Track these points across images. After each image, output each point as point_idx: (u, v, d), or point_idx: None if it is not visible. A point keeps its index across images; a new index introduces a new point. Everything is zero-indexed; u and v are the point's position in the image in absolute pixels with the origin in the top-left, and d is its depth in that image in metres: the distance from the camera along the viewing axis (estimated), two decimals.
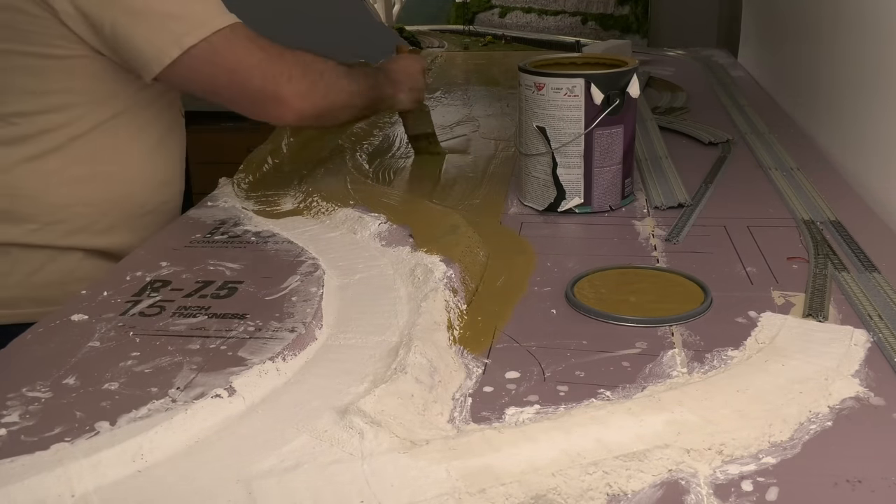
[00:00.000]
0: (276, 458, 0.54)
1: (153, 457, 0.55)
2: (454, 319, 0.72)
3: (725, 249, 0.87)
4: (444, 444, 0.54)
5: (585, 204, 0.99)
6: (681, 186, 1.06)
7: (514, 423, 0.57)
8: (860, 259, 0.81)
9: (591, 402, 0.59)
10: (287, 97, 0.97)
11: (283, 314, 0.75)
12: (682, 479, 0.51)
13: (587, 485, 0.50)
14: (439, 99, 1.73)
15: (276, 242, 0.93)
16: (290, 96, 0.97)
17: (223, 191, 1.13)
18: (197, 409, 0.59)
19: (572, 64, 1.04)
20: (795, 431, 0.55)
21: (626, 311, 0.73)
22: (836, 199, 0.99)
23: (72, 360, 0.68)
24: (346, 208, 1.01)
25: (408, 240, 0.89)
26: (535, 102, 0.97)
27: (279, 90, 0.96)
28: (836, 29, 1.24)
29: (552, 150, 0.97)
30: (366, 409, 0.57)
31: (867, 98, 1.09)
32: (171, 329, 0.73)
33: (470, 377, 0.64)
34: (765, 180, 1.08)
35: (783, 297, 0.75)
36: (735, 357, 0.65)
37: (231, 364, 0.66)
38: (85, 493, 0.51)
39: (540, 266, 0.85)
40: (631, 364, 0.65)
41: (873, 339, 0.66)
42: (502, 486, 0.50)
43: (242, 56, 0.94)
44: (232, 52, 0.94)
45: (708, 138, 1.27)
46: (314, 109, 1.00)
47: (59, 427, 0.58)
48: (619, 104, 0.95)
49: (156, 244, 0.95)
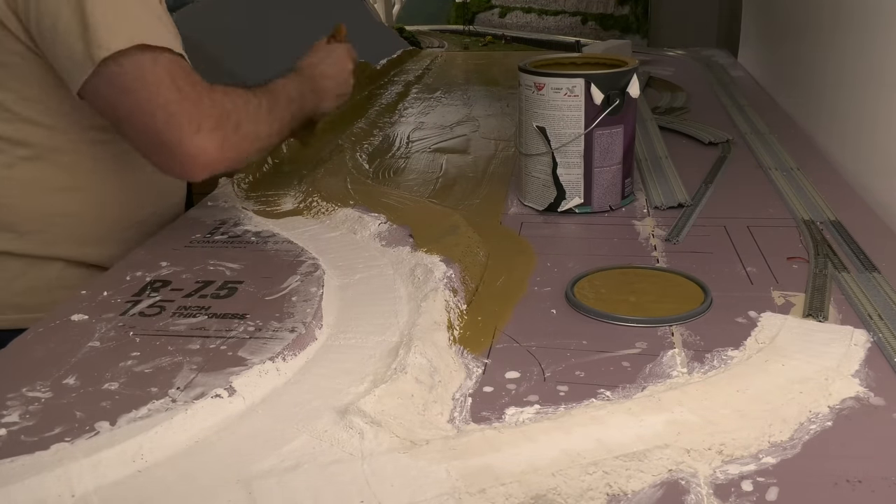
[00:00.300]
0: (276, 458, 0.54)
1: (153, 457, 0.55)
2: (454, 319, 0.72)
3: (725, 249, 0.87)
4: (444, 444, 0.54)
5: (585, 204, 0.99)
6: (681, 186, 1.06)
7: (514, 423, 0.57)
8: (860, 259, 0.81)
9: (591, 402, 0.59)
10: (192, 151, 0.85)
11: (283, 314, 0.75)
12: (682, 479, 0.51)
13: (587, 485, 0.50)
14: (439, 99, 1.73)
15: (276, 242, 0.93)
16: (195, 150, 0.85)
17: (223, 191, 1.13)
18: (197, 409, 0.59)
19: (572, 64, 1.04)
20: (795, 431, 0.55)
21: (626, 311, 0.73)
22: (836, 199, 0.99)
23: (72, 360, 0.68)
24: (346, 208, 1.01)
25: (408, 240, 0.89)
26: (535, 102, 0.97)
27: (182, 140, 0.84)
28: (836, 29, 1.24)
29: (552, 150, 0.97)
30: (366, 409, 0.57)
31: (867, 98, 1.09)
32: (171, 329, 0.73)
33: (470, 377, 0.64)
34: (765, 180, 1.08)
35: (783, 297, 0.75)
36: (735, 357, 0.65)
37: (231, 364, 0.66)
38: (85, 493, 0.51)
39: (540, 266, 0.85)
40: (631, 364, 0.65)
41: (873, 339, 0.66)
42: (502, 486, 0.50)
43: (151, 89, 0.83)
44: (140, 81, 0.83)
45: (708, 138, 1.27)
46: (221, 164, 0.89)
47: (59, 427, 0.58)
48: (619, 104, 0.95)
49: (156, 244, 0.95)
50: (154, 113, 0.84)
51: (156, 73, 0.84)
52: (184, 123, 0.84)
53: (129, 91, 0.84)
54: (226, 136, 0.87)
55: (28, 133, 0.92)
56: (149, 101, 0.83)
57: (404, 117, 1.57)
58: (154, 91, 0.83)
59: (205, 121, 0.85)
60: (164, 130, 0.84)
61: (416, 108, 1.65)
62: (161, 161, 0.88)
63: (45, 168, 0.94)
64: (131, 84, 0.83)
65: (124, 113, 0.85)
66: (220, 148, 0.87)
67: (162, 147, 0.85)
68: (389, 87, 1.88)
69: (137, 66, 0.83)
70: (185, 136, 0.84)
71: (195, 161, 0.86)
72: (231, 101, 0.90)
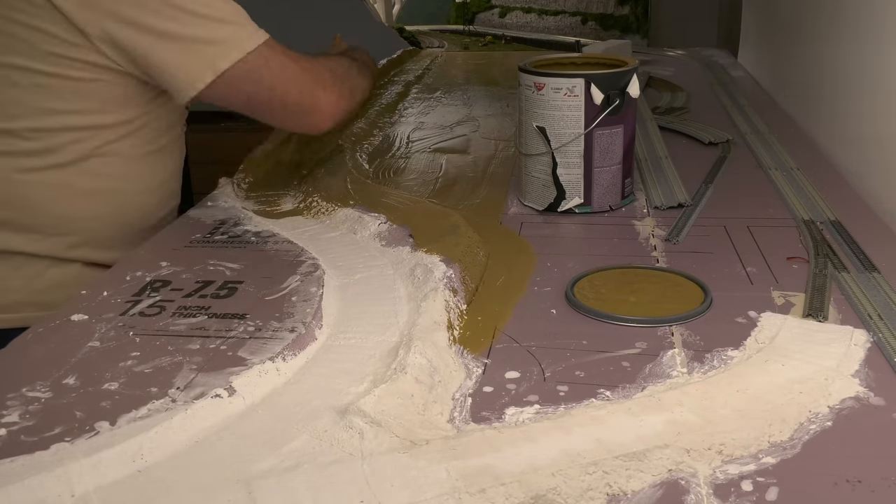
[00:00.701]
0: (276, 458, 0.54)
1: (153, 457, 0.55)
2: (454, 319, 0.72)
3: (725, 249, 0.87)
4: (444, 444, 0.54)
5: (585, 204, 0.99)
6: (681, 186, 1.06)
7: (514, 423, 0.57)
8: (860, 259, 0.81)
9: (591, 402, 0.59)
10: (323, 106, 1.00)
11: (283, 314, 0.75)
12: (682, 479, 0.51)
13: (587, 485, 0.50)
14: (439, 99, 1.73)
15: (276, 242, 0.93)
16: (325, 105, 1.00)
17: (223, 191, 1.13)
18: (197, 409, 0.59)
19: (572, 64, 1.04)
20: (795, 431, 0.55)
21: (626, 311, 0.73)
22: (836, 199, 0.99)
23: (72, 360, 0.68)
24: (346, 208, 1.01)
25: (408, 240, 0.89)
26: (535, 102, 0.97)
27: (316, 101, 0.99)
28: (836, 29, 1.24)
29: (552, 150, 0.97)
30: (366, 409, 0.57)
31: (867, 98, 1.09)
32: (171, 329, 0.73)
33: (470, 377, 0.64)
34: (765, 180, 1.08)
35: (783, 297, 0.75)
36: (735, 357, 0.65)
37: (231, 364, 0.66)
38: (85, 493, 0.51)
39: (540, 266, 0.85)
40: (631, 364, 0.65)
41: (873, 339, 0.66)
42: (502, 486, 0.50)
43: (278, 72, 0.96)
44: (268, 70, 0.95)
45: (708, 138, 1.27)
46: (345, 113, 1.04)
47: (59, 427, 0.58)
48: (619, 104, 0.95)
49: (156, 244, 0.95)
50: (288, 88, 0.97)
51: (275, 58, 0.96)
52: (313, 87, 0.99)
53: (261, 80, 0.96)
54: (341, 89, 1.03)
55: (61, 140, 0.95)
56: (281, 81, 0.97)
57: (404, 117, 1.57)
58: (281, 72, 0.96)
59: (325, 79, 1.00)
60: (301, 99, 0.98)
61: (416, 108, 1.65)
62: (302, 123, 1.02)
63: (75, 174, 0.97)
64: (262, 74, 0.95)
65: (263, 98, 0.97)
66: (343, 95, 1.03)
67: (304, 112, 1.00)
68: (389, 87, 1.88)
69: (260, 58, 0.95)
70: (317, 97, 0.99)
71: (328, 114, 1.01)
72: (333, 63, 1.05)
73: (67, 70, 0.92)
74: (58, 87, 0.93)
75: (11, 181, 0.95)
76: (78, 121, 0.95)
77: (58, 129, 0.95)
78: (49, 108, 0.94)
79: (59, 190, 0.97)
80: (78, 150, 0.96)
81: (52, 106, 0.94)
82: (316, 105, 0.99)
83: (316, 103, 0.99)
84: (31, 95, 0.93)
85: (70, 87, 0.93)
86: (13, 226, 0.96)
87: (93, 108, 0.95)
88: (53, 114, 0.94)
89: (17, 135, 0.94)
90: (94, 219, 1.00)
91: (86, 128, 0.96)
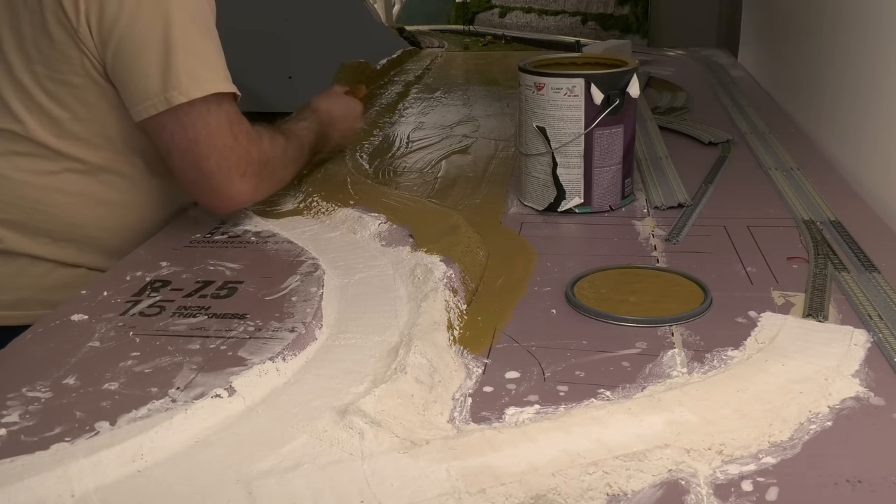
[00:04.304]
0: (275, 458, 0.54)
1: (153, 457, 0.55)
2: (454, 319, 0.72)
3: (725, 249, 0.87)
4: (444, 444, 0.54)
5: (585, 204, 0.99)
6: (681, 186, 1.06)
7: (514, 423, 0.57)
8: (860, 259, 0.81)
9: (591, 402, 0.59)
10: (232, 194, 0.92)
11: (283, 314, 0.75)
12: (682, 479, 0.51)
13: (587, 485, 0.50)
14: (439, 99, 1.73)
15: (276, 242, 0.93)
16: (235, 192, 0.92)
17: None
18: (197, 409, 0.59)
19: (572, 64, 1.04)
20: (795, 431, 0.55)
21: (626, 311, 0.73)
22: (836, 199, 0.99)
23: (72, 360, 0.68)
24: (346, 208, 1.01)
25: (408, 240, 0.89)
26: (535, 102, 0.97)
27: (229, 184, 0.91)
28: (836, 29, 1.24)
29: (552, 150, 0.97)
30: (366, 409, 0.57)
31: (867, 98, 1.09)
32: (171, 329, 0.73)
33: (470, 377, 0.64)
34: (765, 180, 1.08)
35: (783, 297, 0.75)
36: (735, 357, 0.65)
37: (231, 364, 0.66)
38: (85, 493, 0.51)
39: (540, 266, 0.85)
40: (631, 364, 0.65)
41: (873, 339, 0.66)
42: (502, 486, 0.50)
43: (212, 132, 0.89)
44: (203, 123, 0.89)
45: (708, 138, 1.27)
46: (249, 203, 0.98)
47: (59, 427, 0.58)
48: (619, 104, 0.95)
49: (156, 244, 0.95)
50: (209, 155, 0.89)
51: (219, 118, 0.90)
52: (232, 169, 0.91)
53: (191, 130, 0.89)
54: (261, 181, 0.95)
55: (76, 149, 0.95)
56: (207, 144, 0.89)
57: (404, 117, 1.57)
58: (214, 135, 0.89)
59: (249, 168, 0.92)
60: (215, 172, 0.90)
61: (416, 108, 1.65)
62: (200, 195, 0.94)
63: (90, 183, 0.97)
64: (195, 123, 0.89)
65: (181, 148, 0.90)
66: (254, 191, 0.94)
67: (208, 186, 0.91)
68: (389, 87, 1.88)
69: (205, 109, 0.89)
70: (231, 180, 0.91)
71: (232, 201, 0.93)
72: (272, 150, 0.97)
73: (67, 76, 0.91)
74: (60, 94, 0.93)
75: (28, 184, 0.95)
76: (82, 128, 0.95)
77: (66, 136, 0.94)
78: (58, 115, 0.93)
79: (74, 197, 0.97)
80: (91, 161, 0.96)
81: (60, 113, 0.93)
82: (226, 187, 0.91)
83: (227, 186, 0.91)
84: (41, 101, 0.93)
85: (68, 92, 0.93)
86: (25, 228, 0.96)
87: (90, 118, 0.94)
88: (60, 119, 0.94)
89: (34, 141, 0.94)
90: (104, 229, 1.00)
91: (88, 136, 0.95)
